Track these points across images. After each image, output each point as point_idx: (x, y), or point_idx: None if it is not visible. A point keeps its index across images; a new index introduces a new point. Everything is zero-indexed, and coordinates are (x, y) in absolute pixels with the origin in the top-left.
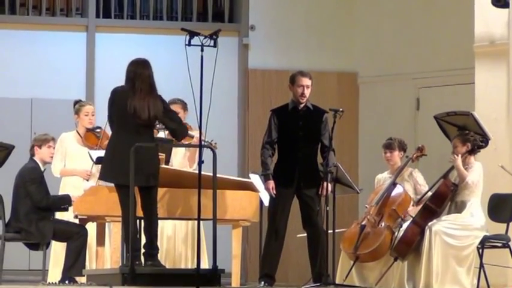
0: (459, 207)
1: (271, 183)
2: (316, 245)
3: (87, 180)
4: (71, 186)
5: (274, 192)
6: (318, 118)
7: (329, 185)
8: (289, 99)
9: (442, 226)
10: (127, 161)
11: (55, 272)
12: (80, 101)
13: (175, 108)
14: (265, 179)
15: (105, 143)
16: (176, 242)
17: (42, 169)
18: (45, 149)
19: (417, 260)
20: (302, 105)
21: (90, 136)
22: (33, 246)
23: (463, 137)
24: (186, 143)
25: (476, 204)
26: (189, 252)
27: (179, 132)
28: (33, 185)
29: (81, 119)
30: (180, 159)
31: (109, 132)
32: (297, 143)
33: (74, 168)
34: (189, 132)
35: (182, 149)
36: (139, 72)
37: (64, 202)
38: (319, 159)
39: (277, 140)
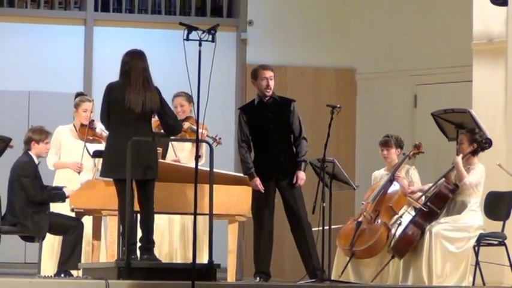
0: (459, 207)
1: (257, 180)
2: (299, 237)
3: (78, 173)
4: (64, 179)
5: (262, 188)
6: (286, 108)
7: (303, 174)
8: (255, 95)
9: (441, 228)
10: (125, 155)
11: (49, 264)
12: (82, 94)
13: (180, 101)
14: (250, 177)
15: (100, 133)
16: (174, 237)
17: (37, 162)
18: (43, 145)
19: (413, 258)
20: (268, 98)
21: (85, 129)
22: (28, 238)
23: (471, 135)
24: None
25: (476, 205)
26: (187, 246)
27: (176, 128)
28: (27, 179)
29: (78, 113)
30: (187, 154)
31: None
32: (270, 136)
33: (66, 160)
34: (194, 127)
35: (189, 145)
36: (135, 64)
37: (59, 198)
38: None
39: (251, 136)
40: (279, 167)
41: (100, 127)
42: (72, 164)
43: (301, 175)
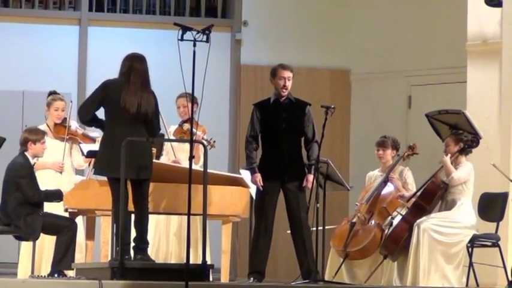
0: (449, 206)
1: (258, 176)
2: (298, 240)
3: (61, 173)
4: (46, 180)
5: (262, 184)
6: (300, 110)
7: (312, 177)
8: (272, 93)
9: (430, 223)
10: (120, 154)
11: (25, 266)
12: (55, 93)
13: (184, 102)
14: (251, 172)
15: (75, 131)
16: (170, 237)
17: (32, 163)
18: (39, 145)
19: (406, 259)
20: (284, 98)
21: (60, 128)
22: (22, 237)
23: (456, 136)
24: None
25: (467, 203)
26: (183, 246)
27: (155, 135)
28: (24, 180)
29: (50, 113)
30: (188, 155)
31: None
32: (281, 136)
33: (45, 161)
34: (194, 130)
35: (187, 147)
36: (136, 66)
37: (56, 197)
38: (305, 153)
39: (261, 133)
40: (286, 168)
41: (75, 125)
42: (53, 164)
43: (311, 179)
